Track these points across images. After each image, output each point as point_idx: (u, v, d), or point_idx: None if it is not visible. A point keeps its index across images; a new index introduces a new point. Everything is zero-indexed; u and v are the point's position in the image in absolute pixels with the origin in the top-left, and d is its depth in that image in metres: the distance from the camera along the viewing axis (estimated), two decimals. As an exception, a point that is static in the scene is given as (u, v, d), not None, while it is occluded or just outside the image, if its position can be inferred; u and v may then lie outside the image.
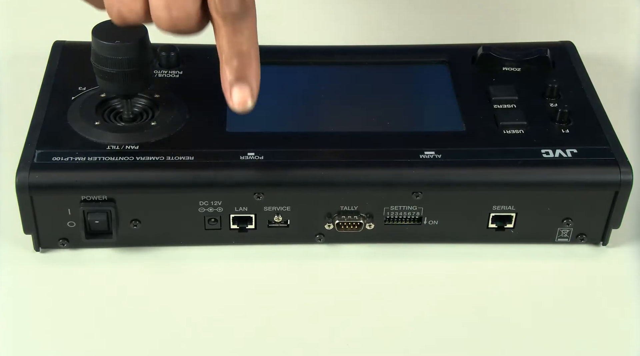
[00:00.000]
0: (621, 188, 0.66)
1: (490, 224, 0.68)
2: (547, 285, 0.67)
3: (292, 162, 0.66)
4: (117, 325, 0.63)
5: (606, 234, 0.69)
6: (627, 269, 0.68)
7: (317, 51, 0.77)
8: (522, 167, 0.66)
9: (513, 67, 0.75)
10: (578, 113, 0.70)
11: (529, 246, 0.69)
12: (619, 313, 0.65)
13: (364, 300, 0.65)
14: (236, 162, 0.66)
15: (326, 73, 0.75)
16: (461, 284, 0.67)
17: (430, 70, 0.76)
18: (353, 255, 0.68)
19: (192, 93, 0.71)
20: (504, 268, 0.68)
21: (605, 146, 0.68)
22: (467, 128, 0.69)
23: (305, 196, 0.66)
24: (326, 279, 0.67)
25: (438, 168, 0.66)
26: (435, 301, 0.66)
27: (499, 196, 0.67)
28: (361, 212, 0.67)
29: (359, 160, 0.66)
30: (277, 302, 0.65)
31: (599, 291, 0.67)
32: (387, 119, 0.71)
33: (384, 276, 0.67)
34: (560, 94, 0.72)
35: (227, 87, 0.62)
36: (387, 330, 0.64)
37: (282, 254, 0.68)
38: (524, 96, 0.72)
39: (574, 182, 0.66)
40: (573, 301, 0.66)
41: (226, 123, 0.69)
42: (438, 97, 0.73)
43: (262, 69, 0.73)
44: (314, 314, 0.64)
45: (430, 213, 0.67)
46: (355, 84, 0.75)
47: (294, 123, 0.70)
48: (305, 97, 0.73)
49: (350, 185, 0.66)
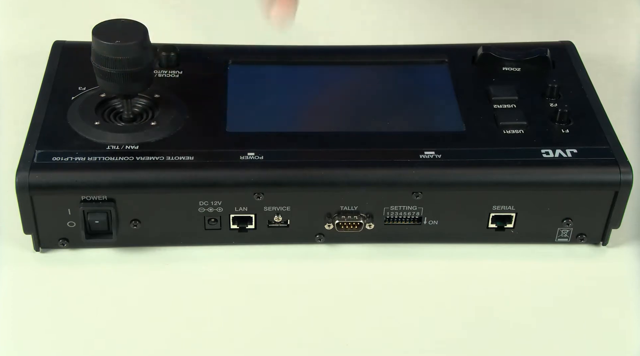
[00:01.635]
0: (621, 188, 0.66)
1: (490, 224, 0.68)
2: (547, 285, 0.67)
3: (292, 162, 0.66)
4: (117, 325, 0.63)
5: (606, 234, 0.69)
6: (627, 269, 0.68)
7: (317, 51, 0.77)
8: (522, 167, 0.66)
9: (513, 67, 0.75)
10: (578, 113, 0.70)
11: (529, 246, 0.69)
12: (619, 313, 0.65)
13: (363, 300, 0.65)
14: (236, 162, 0.66)
15: (326, 73, 0.75)
16: (461, 284, 0.67)
17: (430, 70, 0.76)
18: (353, 255, 0.68)
19: (192, 93, 0.71)
20: (504, 268, 0.68)
21: (605, 146, 0.68)
22: (467, 128, 0.69)
23: (305, 196, 0.66)
24: (326, 279, 0.67)
25: (438, 168, 0.66)
26: (435, 301, 0.66)
27: (499, 196, 0.67)
28: (361, 212, 0.67)
29: (359, 160, 0.66)
30: (277, 302, 0.65)
31: (599, 291, 0.67)
32: (387, 119, 0.71)
33: (384, 276, 0.67)
34: (560, 94, 0.72)
35: (267, 2, 0.64)
36: (387, 330, 0.64)
37: (282, 254, 0.68)
38: (524, 96, 0.72)
39: (574, 182, 0.66)
40: (573, 301, 0.66)
41: (226, 123, 0.69)
42: (438, 97, 0.73)
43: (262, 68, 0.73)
44: (314, 314, 0.64)
45: (430, 213, 0.67)
46: (355, 84, 0.75)
47: (294, 123, 0.70)
48: (306, 97, 0.73)
49: (350, 185, 0.66)
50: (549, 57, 0.75)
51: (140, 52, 0.65)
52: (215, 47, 0.77)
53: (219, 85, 0.73)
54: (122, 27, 0.66)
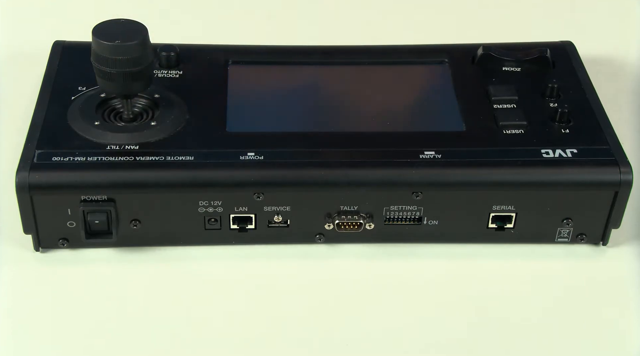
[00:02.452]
0: (621, 188, 0.66)
1: (490, 224, 0.68)
2: (547, 285, 0.67)
3: (292, 162, 0.66)
4: (117, 325, 0.63)
5: (606, 234, 0.69)
6: (627, 269, 0.68)
7: (317, 51, 0.77)
8: (522, 167, 0.66)
9: (513, 67, 0.75)
10: (578, 113, 0.70)
11: (529, 246, 0.69)
12: (619, 313, 0.65)
13: (363, 300, 0.65)
14: (236, 162, 0.66)
15: (326, 73, 0.75)
16: (461, 284, 0.67)
17: (430, 70, 0.76)
18: (353, 255, 0.68)
19: (192, 93, 0.71)
20: (504, 268, 0.68)
21: (605, 146, 0.68)
22: (467, 128, 0.69)
23: (305, 196, 0.66)
24: (326, 279, 0.67)
25: (438, 168, 0.66)
26: (435, 301, 0.66)
27: (499, 196, 0.67)
28: (361, 212, 0.67)
29: (359, 160, 0.66)
30: (277, 302, 0.65)
31: (599, 291, 0.67)
32: (387, 119, 0.71)
33: (384, 276, 0.67)
34: (560, 94, 0.72)
35: None
36: (387, 330, 0.64)
37: (282, 254, 0.68)
38: (524, 96, 0.72)
39: (574, 182, 0.66)
40: (573, 301, 0.66)
41: (226, 123, 0.69)
42: (438, 97, 0.73)
43: (262, 68, 0.73)
44: (314, 314, 0.64)
45: (430, 213, 0.67)
46: (355, 84, 0.75)
47: (294, 123, 0.70)
48: (305, 97, 0.73)
49: (350, 185, 0.66)
50: (549, 57, 0.75)
51: (140, 52, 0.65)
52: (215, 47, 0.77)
53: (219, 85, 0.73)
54: (122, 27, 0.66)
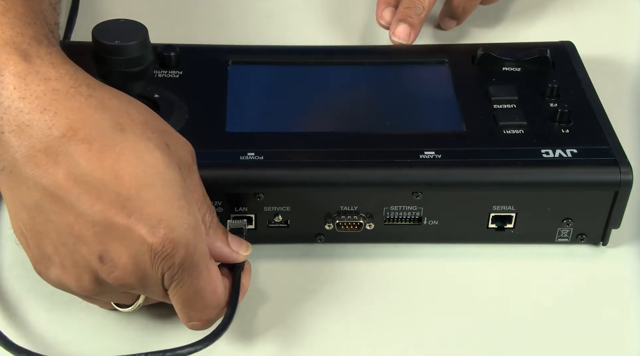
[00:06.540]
0: (621, 188, 0.66)
1: (490, 224, 0.68)
2: (547, 285, 0.67)
3: (292, 162, 0.66)
4: (117, 325, 0.63)
5: (606, 234, 0.69)
6: (627, 269, 0.68)
7: (317, 51, 0.77)
8: (522, 167, 0.66)
9: (513, 67, 0.74)
10: (578, 113, 0.70)
11: (529, 246, 0.69)
12: (619, 313, 0.65)
13: (363, 300, 0.65)
14: (236, 162, 0.66)
15: (326, 73, 0.75)
16: (461, 284, 0.67)
17: (430, 70, 0.76)
18: (353, 255, 0.68)
19: (192, 93, 0.71)
20: (504, 268, 0.68)
21: (605, 146, 0.68)
22: (467, 128, 0.69)
23: (305, 196, 0.66)
24: (326, 279, 0.67)
25: (438, 168, 0.66)
26: (435, 301, 0.66)
27: (499, 196, 0.67)
28: (361, 212, 0.67)
29: (359, 160, 0.66)
30: (276, 302, 0.65)
31: (599, 291, 0.67)
32: (387, 119, 0.71)
33: (383, 276, 0.67)
34: (560, 94, 0.72)
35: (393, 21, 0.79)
36: (387, 330, 0.64)
37: (282, 254, 0.68)
38: (524, 96, 0.72)
39: (574, 182, 0.66)
40: (573, 301, 0.66)
41: (226, 123, 0.69)
42: (438, 97, 0.73)
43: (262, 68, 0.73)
44: (314, 314, 0.64)
45: (430, 213, 0.67)
46: (356, 83, 0.75)
47: (294, 123, 0.70)
48: (305, 97, 0.73)
49: (350, 185, 0.66)
50: (549, 57, 0.75)
51: (140, 52, 0.65)
52: (215, 47, 0.77)
53: (219, 85, 0.73)
54: (122, 27, 0.66)
